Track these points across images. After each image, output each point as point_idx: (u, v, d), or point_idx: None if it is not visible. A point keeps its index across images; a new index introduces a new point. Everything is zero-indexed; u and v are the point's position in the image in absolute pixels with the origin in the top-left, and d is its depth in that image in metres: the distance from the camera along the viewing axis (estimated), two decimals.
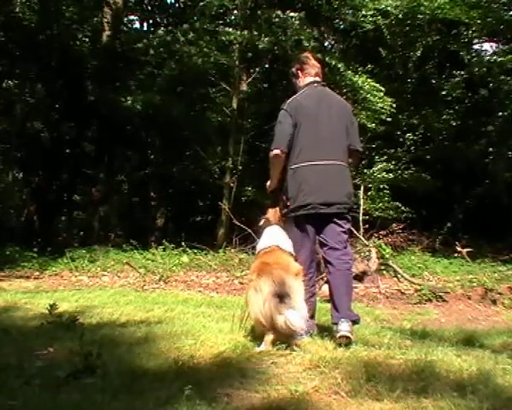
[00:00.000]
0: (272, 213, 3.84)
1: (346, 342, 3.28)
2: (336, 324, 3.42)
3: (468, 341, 3.95)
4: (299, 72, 3.90)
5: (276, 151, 3.68)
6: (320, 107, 3.70)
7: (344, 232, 3.64)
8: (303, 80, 3.87)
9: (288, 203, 3.68)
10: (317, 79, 3.88)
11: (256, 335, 3.39)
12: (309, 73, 3.87)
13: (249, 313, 3.34)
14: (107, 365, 2.55)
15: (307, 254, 3.63)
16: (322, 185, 3.57)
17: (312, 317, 3.68)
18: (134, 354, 2.85)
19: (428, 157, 13.42)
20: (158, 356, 2.81)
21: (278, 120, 3.74)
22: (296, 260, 3.49)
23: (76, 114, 13.61)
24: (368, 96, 11.08)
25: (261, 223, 3.88)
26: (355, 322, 3.50)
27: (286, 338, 3.15)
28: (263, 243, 3.64)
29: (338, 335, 3.33)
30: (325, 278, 4.96)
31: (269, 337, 3.17)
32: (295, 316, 2.98)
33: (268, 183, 3.94)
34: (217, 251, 9.30)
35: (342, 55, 13.65)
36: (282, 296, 3.03)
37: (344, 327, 3.35)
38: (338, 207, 3.59)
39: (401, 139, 13.42)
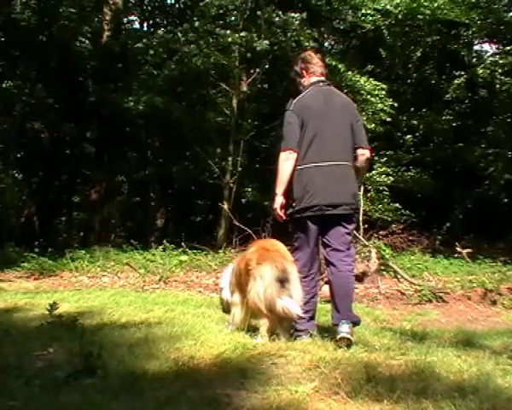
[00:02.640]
0: None
1: (347, 343, 3.29)
2: (337, 325, 3.42)
3: (468, 341, 3.94)
4: (303, 71, 3.84)
5: (287, 152, 3.62)
6: (325, 107, 3.67)
7: (348, 234, 3.63)
8: (308, 80, 3.82)
9: (294, 204, 3.65)
10: (323, 78, 3.84)
11: (255, 333, 3.41)
12: (314, 72, 3.82)
13: (248, 298, 3.44)
14: (107, 365, 2.54)
15: (310, 254, 3.62)
16: (328, 187, 3.54)
17: (313, 317, 3.68)
18: (134, 355, 2.85)
19: (428, 158, 13.42)
20: (158, 357, 2.80)
21: (286, 121, 3.69)
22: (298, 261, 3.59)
23: (76, 114, 13.62)
24: (368, 97, 11.08)
25: None
26: (355, 323, 3.50)
27: (281, 324, 3.39)
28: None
29: (338, 336, 3.34)
30: (325, 279, 4.96)
31: (264, 328, 3.34)
32: (293, 303, 3.24)
33: (277, 199, 3.65)
34: (217, 251, 9.29)
35: (342, 55, 13.66)
36: (282, 281, 3.26)
37: (344, 329, 3.35)
38: (344, 209, 3.56)
39: (401, 140, 13.43)
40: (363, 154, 3.75)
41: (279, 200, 3.66)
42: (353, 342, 3.35)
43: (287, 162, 3.62)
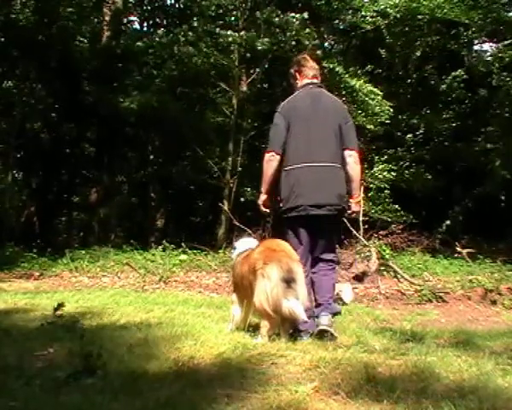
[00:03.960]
0: None
1: (327, 335, 3.43)
2: (317, 317, 3.55)
3: (468, 341, 3.94)
4: (296, 73, 3.95)
5: (270, 154, 3.74)
6: (313, 108, 3.74)
7: (333, 233, 3.73)
8: (300, 82, 3.92)
9: (281, 204, 3.75)
10: (314, 80, 3.92)
11: (255, 334, 3.41)
12: (306, 75, 3.91)
13: (254, 298, 3.43)
14: (107, 365, 2.54)
15: (302, 253, 3.66)
16: (313, 187, 3.62)
17: (311, 317, 3.70)
18: (134, 355, 2.85)
19: (428, 157, 13.42)
20: (158, 357, 2.80)
21: (274, 123, 3.81)
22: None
23: (75, 114, 13.61)
24: (366, 98, 11.08)
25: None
26: (336, 314, 3.61)
27: (282, 325, 3.40)
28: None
29: (318, 329, 3.49)
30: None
31: (265, 329, 3.33)
32: (299, 307, 3.23)
33: (260, 196, 3.95)
34: (217, 251, 9.29)
35: (342, 55, 13.66)
36: (288, 282, 3.25)
37: (324, 321, 3.50)
38: (328, 209, 3.64)
39: (401, 140, 13.43)
40: (351, 155, 3.79)
41: (262, 198, 3.91)
42: (334, 334, 3.48)
43: (269, 163, 3.76)
